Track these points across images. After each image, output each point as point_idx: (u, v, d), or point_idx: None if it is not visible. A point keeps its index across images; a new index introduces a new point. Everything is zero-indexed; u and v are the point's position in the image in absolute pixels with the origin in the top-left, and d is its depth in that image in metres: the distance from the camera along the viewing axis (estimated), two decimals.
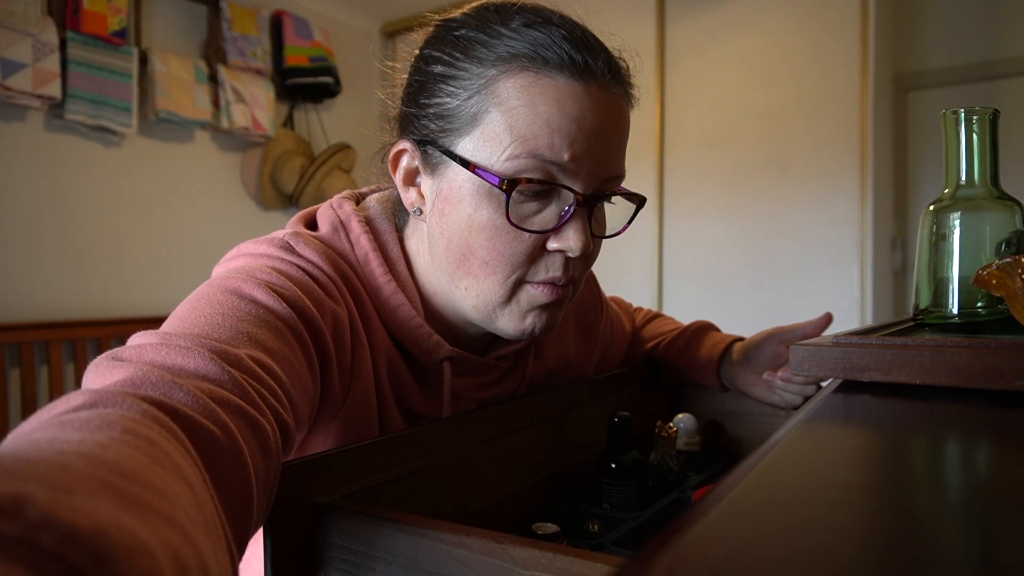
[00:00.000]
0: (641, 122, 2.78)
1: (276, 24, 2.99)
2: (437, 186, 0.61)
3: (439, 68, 0.60)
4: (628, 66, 0.63)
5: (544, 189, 0.58)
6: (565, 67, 0.57)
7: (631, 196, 0.66)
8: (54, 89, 2.23)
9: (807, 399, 0.84)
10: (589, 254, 0.63)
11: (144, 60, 2.52)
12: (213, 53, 2.77)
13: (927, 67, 2.80)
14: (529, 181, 0.57)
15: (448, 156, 0.60)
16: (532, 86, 0.57)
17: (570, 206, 0.59)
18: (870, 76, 2.34)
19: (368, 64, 3.57)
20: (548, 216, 0.59)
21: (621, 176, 0.63)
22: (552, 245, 0.60)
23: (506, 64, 0.57)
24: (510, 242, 0.59)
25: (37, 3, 2.17)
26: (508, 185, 0.57)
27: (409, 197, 0.65)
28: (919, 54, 2.82)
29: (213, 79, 2.72)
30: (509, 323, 0.62)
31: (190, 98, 2.60)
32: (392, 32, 3.59)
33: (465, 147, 0.59)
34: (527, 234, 0.59)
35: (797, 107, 2.48)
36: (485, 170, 0.57)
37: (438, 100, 0.60)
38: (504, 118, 0.57)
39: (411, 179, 0.64)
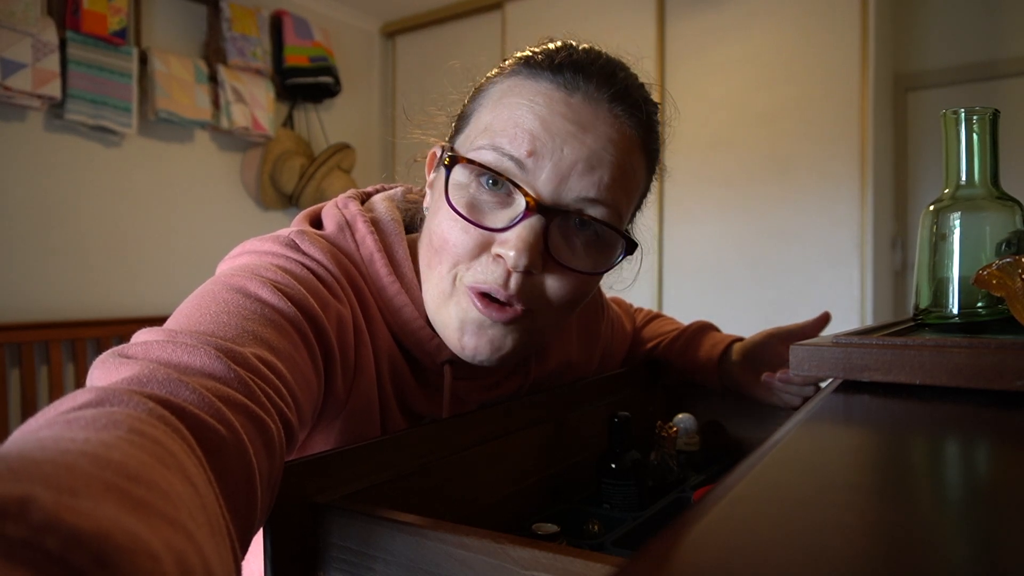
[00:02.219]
0: None
1: (276, 24, 3.00)
2: (434, 184, 0.64)
3: (477, 83, 0.65)
4: (645, 102, 0.60)
5: (493, 178, 0.57)
6: (550, 74, 0.58)
7: (621, 235, 0.60)
8: (54, 89, 2.23)
9: (806, 399, 0.84)
10: (538, 273, 0.57)
11: (144, 60, 2.52)
12: (213, 53, 2.77)
13: (927, 67, 2.80)
14: (470, 162, 0.57)
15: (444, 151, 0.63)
16: (515, 87, 0.59)
17: (524, 210, 0.55)
18: (870, 76, 2.34)
19: (368, 64, 3.57)
20: (501, 218, 0.57)
21: (606, 205, 0.57)
22: (495, 248, 0.56)
23: (508, 75, 0.61)
24: (457, 231, 0.57)
25: (37, 3, 2.17)
26: (450, 161, 0.58)
27: (428, 200, 0.66)
28: (919, 54, 2.82)
29: (213, 79, 2.72)
30: (447, 328, 0.60)
31: (190, 98, 2.60)
32: (392, 32, 3.59)
33: (456, 143, 0.63)
34: (472, 226, 0.57)
35: (797, 107, 2.48)
36: (444, 151, 0.60)
37: (463, 107, 0.65)
38: (485, 114, 0.60)
39: (432, 184, 0.67)
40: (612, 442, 0.75)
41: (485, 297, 0.57)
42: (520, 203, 0.56)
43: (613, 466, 0.73)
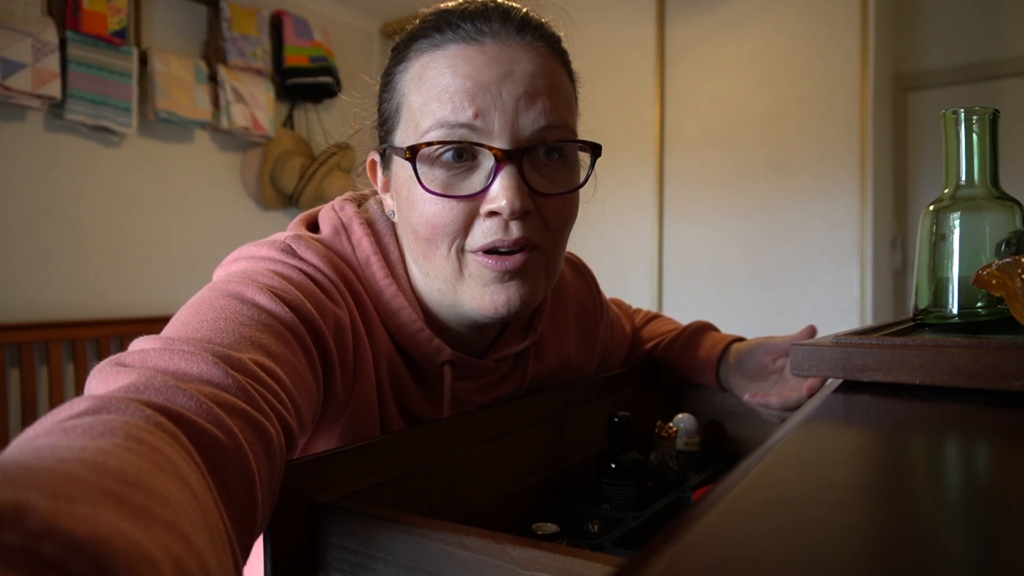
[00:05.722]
0: (641, 122, 2.78)
1: (276, 24, 2.99)
2: (393, 184, 0.65)
3: (380, 82, 0.67)
4: (541, 20, 0.63)
5: (453, 149, 0.58)
6: (454, 37, 0.60)
7: (584, 145, 0.63)
8: (54, 89, 2.22)
9: (796, 407, 0.83)
10: (532, 211, 0.59)
11: (144, 60, 2.52)
12: (213, 53, 2.77)
13: (927, 67, 2.80)
14: (429, 144, 0.58)
15: (388, 151, 0.64)
16: (428, 63, 0.60)
17: (494, 164, 0.58)
18: (870, 76, 2.34)
19: (368, 64, 3.57)
20: (476, 181, 0.59)
21: (559, 126, 0.60)
22: (484, 208, 0.58)
23: (411, 57, 0.62)
24: (440, 212, 0.59)
25: (37, 3, 2.17)
26: (410, 153, 0.59)
27: (388, 204, 0.67)
28: (919, 54, 2.82)
29: (213, 79, 2.72)
30: (471, 300, 0.61)
31: (190, 98, 2.60)
32: (392, 32, 3.58)
33: (396, 139, 0.63)
34: (455, 201, 0.58)
35: (797, 107, 2.48)
36: (400, 148, 0.61)
37: (380, 108, 0.66)
38: (414, 100, 0.61)
39: (386, 186, 0.67)
40: (612, 442, 0.75)
41: (493, 253, 0.59)
42: (488, 161, 0.58)
43: (613, 466, 0.73)
